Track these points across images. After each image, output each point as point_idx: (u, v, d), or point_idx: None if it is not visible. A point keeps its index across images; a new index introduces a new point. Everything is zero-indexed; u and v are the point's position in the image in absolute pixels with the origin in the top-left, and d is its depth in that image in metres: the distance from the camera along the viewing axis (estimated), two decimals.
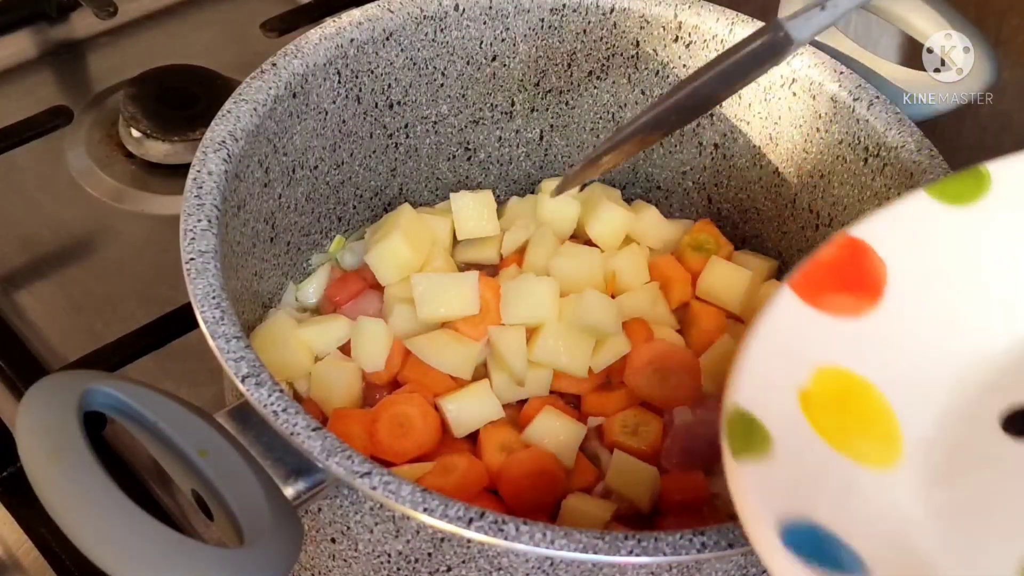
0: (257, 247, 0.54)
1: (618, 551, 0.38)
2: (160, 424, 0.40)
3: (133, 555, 0.35)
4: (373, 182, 0.61)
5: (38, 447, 0.37)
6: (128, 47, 0.84)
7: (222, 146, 0.49)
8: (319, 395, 0.54)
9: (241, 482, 0.39)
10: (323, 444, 0.39)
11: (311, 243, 0.60)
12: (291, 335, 0.55)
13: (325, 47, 0.54)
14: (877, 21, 0.58)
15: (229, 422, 0.41)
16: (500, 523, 0.38)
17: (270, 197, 0.54)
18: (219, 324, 0.43)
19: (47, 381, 0.39)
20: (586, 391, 0.55)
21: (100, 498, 0.36)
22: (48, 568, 0.56)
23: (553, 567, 0.40)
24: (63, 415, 0.37)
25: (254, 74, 0.52)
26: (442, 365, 0.54)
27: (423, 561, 0.42)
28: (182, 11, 0.88)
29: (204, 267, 0.44)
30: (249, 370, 0.41)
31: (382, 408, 0.53)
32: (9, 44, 0.82)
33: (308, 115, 0.55)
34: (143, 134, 0.75)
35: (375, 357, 0.55)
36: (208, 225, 0.46)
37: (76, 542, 0.36)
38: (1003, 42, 0.71)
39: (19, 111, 0.74)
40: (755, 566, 0.42)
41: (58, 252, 0.71)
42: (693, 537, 0.39)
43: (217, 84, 0.77)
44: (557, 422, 0.53)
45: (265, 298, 0.57)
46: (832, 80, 0.56)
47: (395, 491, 0.39)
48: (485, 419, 0.53)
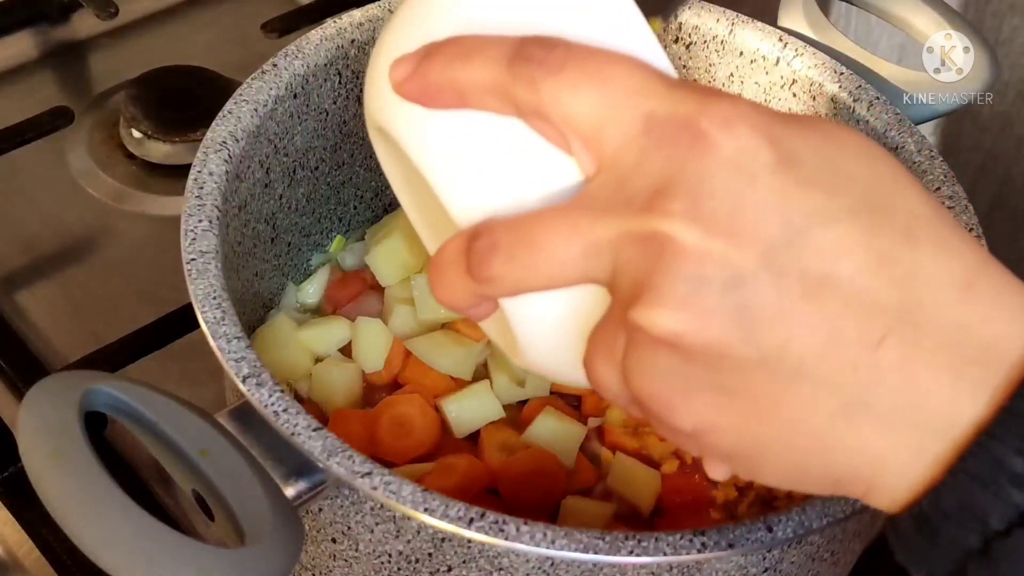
0: (258, 248, 0.54)
1: (619, 551, 0.38)
2: (161, 424, 0.40)
3: (134, 555, 0.35)
4: (374, 183, 0.61)
5: (39, 447, 0.37)
6: (129, 48, 0.84)
7: (223, 147, 0.49)
8: (320, 396, 0.54)
9: (242, 482, 0.39)
10: (324, 444, 0.40)
11: (312, 244, 0.60)
12: (291, 336, 0.55)
13: (326, 48, 0.54)
14: (877, 21, 0.58)
15: (230, 422, 0.41)
16: (501, 523, 0.38)
17: (271, 198, 0.54)
18: (220, 324, 0.43)
19: (48, 381, 0.39)
20: (586, 391, 0.55)
21: (101, 498, 0.36)
22: (49, 568, 0.56)
23: (553, 567, 0.40)
24: (64, 415, 0.37)
25: (255, 75, 0.52)
26: (442, 366, 0.54)
27: (424, 561, 0.42)
28: (183, 12, 0.88)
29: (205, 267, 0.44)
30: (250, 370, 0.41)
31: (383, 409, 0.53)
32: (10, 45, 0.82)
33: (309, 116, 0.55)
34: (144, 135, 0.75)
35: (375, 358, 0.55)
36: (209, 226, 0.46)
37: (77, 542, 0.36)
38: (1003, 42, 0.71)
39: (20, 112, 0.74)
40: (755, 566, 0.42)
41: (59, 253, 0.71)
42: (693, 537, 0.39)
43: (218, 85, 0.77)
44: (557, 423, 0.53)
45: (266, 298, 0.58)
46: (832, 81, 0.56)
47: (396, 491, 0.39)
48: (485, 420, 0.53)
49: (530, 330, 0.37)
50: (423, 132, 0.36)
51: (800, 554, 0.43)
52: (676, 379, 0.32)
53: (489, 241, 0.34)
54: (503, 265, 0.33)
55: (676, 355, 0.31)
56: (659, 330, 0.31)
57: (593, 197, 0.33)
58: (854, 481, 0.32)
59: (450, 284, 0.35)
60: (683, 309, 0.30)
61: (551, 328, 0.36)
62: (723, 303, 0.30)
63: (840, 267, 0.30)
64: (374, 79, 0.38)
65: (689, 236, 0.30)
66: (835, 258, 0.30)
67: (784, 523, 0.40)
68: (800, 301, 0.30)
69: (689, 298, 0.30)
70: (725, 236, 0.30)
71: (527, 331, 0.37)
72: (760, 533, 0.39)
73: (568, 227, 0.33)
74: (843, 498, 0.40)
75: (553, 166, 0.34)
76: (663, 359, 0.31)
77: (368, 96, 0.39)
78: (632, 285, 0.31)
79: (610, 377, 0.34)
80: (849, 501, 0.40)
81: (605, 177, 0.33)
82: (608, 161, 0.33)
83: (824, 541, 0.44)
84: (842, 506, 0.40)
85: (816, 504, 0.40)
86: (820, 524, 0.40)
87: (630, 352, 0.32)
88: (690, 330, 0.30)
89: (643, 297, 0.31)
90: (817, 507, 0.40)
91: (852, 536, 0.47)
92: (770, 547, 0.40)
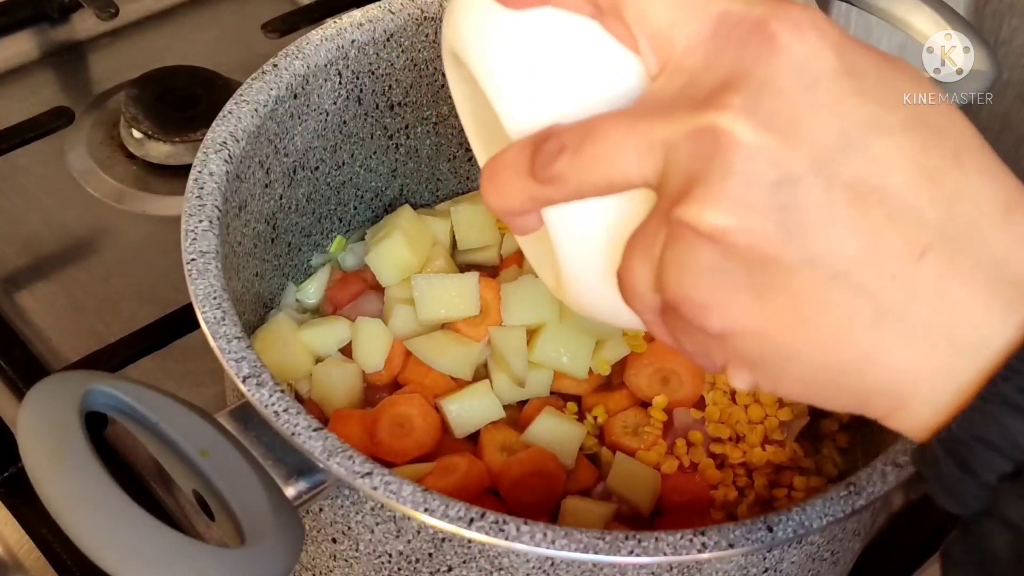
0: (258, 248, 0.55)
1: (619, 551, 0.38)
2: (161, 424, 0.40)
3: (134, 555, 0.35)
4: (374, 183, 0.61)
5: (39, 447, 0.37)
6: (129, 48, 0.84)
7: (223, 147, 0.49)
8: (320, 396, 0.54)
9: (242, 482, 0.39)
10: (324, 444, 0.40)
11: (312, 244, 0.60)
12: (292, 337, 0.55)
13: (326, 48, 0.54)
14: (877, 21, 0.58)
15: (230, 422, 0.41)
16: (501, 523, 0.38)
17: (271, 198, 0.54)
18: (220, 324, 0.43)
19: (48, 381, 0.39)
20: (586, 392, 0.55)
21: (101, 498, 0.36)
22: (49, 568, 0.56)
23: (554, 567, 0.40)
24: (64, 415, 0.37)
25: (255, 75, 0.52)
26: (442, 366, 0.54)
27: (424, 561, 0.42)
28: (183, 12, 0.88)
29: (205, 268, 0.44)
30: (250, 370, 0.41)
31: (383, 409, 0.53)
32: (10, 45, 0.82)
33: (309, 116, 0.55)
34: (144, 135, 0.75)
35: (375, 358, 0.55)
36: (209, 226, 0.46)
37: (77, 542, 0.36)
38: (1003, 42, 0.71)
39: (20, 112, 0.74)
40: (755, 566, 0.42)
41: (59, 253, 0.71)
42: (693, 537, 0.39)
43: (218, 85, 0.77)
44: (557, 423, 0.53)
45: (266, 299, 0.58)
46: None
47: (396, 491, 0.39)
48: (486, 420, 0.53)
49: (573, 249, 0.37)
50: (493, 43, 0.37)
51: (800, 554, 0.43)
52: (714, 277, 0.32)
53: (557, 142, 0.34)
54: (568, 163, 0.34)
55: (717, 251, 0.31)
56: (705, 224, 0.31)
57: (656, 97, 0.33)
58: (881, 397, 0.32)
59: (507, 186, 0.36)
60: (731, 204, 0.31)
61: (594, 245, 0.37)
62: (771, 201, 0.30)
63: (889, 179, 0.31)
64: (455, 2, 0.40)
65: (745, 131, 0.31)
66: (885, 170, 0.31)
67: (784, 523, 0.40)
68: (847, 208, 0.30)
69: (738, 193, 0.31)
70: (781, 136, 0.30)
71: (570, 250, 0.38)
72: (760, 533, 0.39)
73: (628, 126, 0.33)
74: (843, 498, 0.40)
75: (618, 72, 0.35)
76: (704, 255, 0.31)
77: (446, 21, 0.41)
78: (682, 181, 0.32)
79: (644, 279, 0.34)
80: (849, 500, 0.40)
81: (669, 78, 0.33)
82: (675, 62, 0.33)
83: (824, 541, 0.44)
84: (842, 506, 0.40)
85: (816, 504, 0.40)
86: (820, 524, 0.40)
87: (670, 248, 0.32)
88: (735, 226, 0.31)
89: (692, 192, 0.31)
90: (817, 507, 0.40)
91: (852, 536, 0.47)
92: (770, 547, 0.40)
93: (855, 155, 0.31)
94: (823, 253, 0.31)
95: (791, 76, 0.31)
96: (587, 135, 0.34)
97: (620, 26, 0.35)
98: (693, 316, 0.33)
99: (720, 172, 0.31)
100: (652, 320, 0.35)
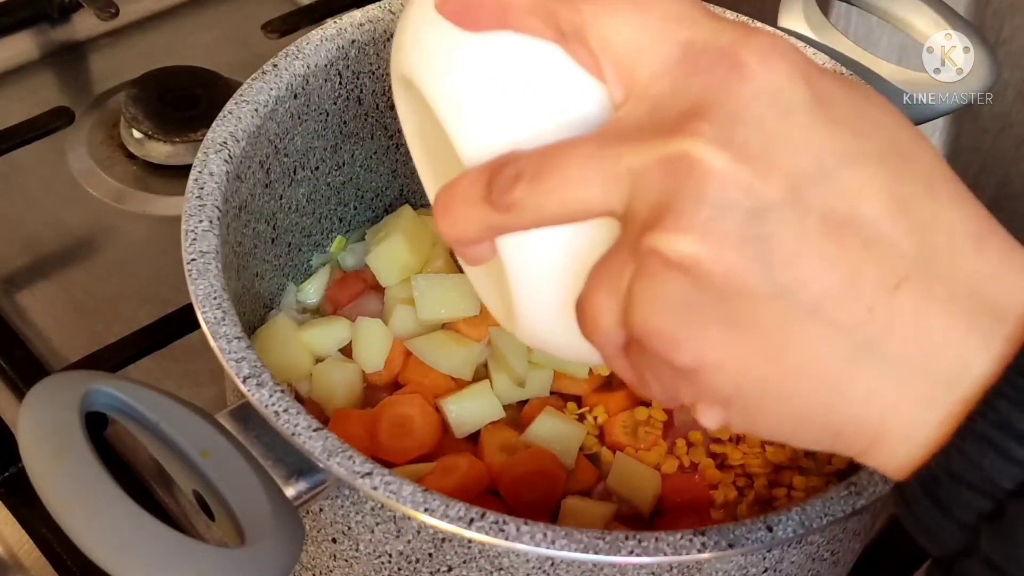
0: (258, 248, 0.55)
1: (619, 551, 0.38)
2: (161, 424, 0.40)
3: (134, 555, 0.35)
4: (374, 183, 0.61)
5: (40, 447, 0.37)
6: (129, 48, 0.84)
7: (223, 147, 0.49)
8: (320, 396, 0.54)
9: (242, 482, 0.39)
10: (324, 444, 0.40)
11: (312, 244, 0.60)
12: (292, 337, 0.55)
13: (326, 48, 0.54)
14: (877, 21, 0.58)
15: (230, 422, 0.41)
16: (501, 523, 0.38)
17: (271, 198, 0.54)
18: (220, 325, 0.43)
19: (49, 382, 0.39)
20: (586, 392, 0.55)
21: (102, 498, 0.36)
22: (49, 568, 0.56)
23: (554, 567, 0.40)
24: (65, 415, 0.37)
25: (255, 75, 0.52)
26: (442, 366, 0.54)
27: (424, 561, 0.42)
28: (183, 12, 0.88)
29: (205, 268, 0.44)
30: (250, 371, 0.41)
31: (383, 409, 0.53)
32: (10, 45, 0.82)
33: (309, 116, 0.55)
34: (144, 135, 0.75)
35: (376, 358, 0.55)
36: (209, 226, 0.46)
37: (77, 542, 0.36)
38: (1003, 42, 0.71)
39: (20, 112, 0.74)
40: (755, 566, 0.42)
41: (59, 253, 0.71)
42: (693, 537, 0.39)
43: (218, 85, 0.77)
44: (557, 423, 0.53)
45: (266, 299, 0.58)
46: None
47: (396, 491, 0.39)
48: (486, 420, 0.53)
49: (528, 279, 0.36)
50: (448, 67, 0.36)
51: (800, 554, 0.43)
52: (684, 309, 0.31)
53: (515, 168, 0.33)
54: (526, 191, 0.33)
55: (689, 282, 0.30)
56: (676, 254, 0.30)
57: (621, 124, 0.33)
58: (857, 433, 0.31)
59: (462, 214, 0.34)
60: (703, 233, 0.30)
61: (550, 275, 0.36)
62: (744, 232, 0.30)
63: (863, 209, 0.30)
64: (406, 21, 0.39)
65: (717, 160, 0.30)
66: (859, 200, 0.30)
67: (784, 523, 0.40)
68: (821, 239, 0.30)
69: (710, 223, 0.30)
70: (754, 165, 0.30)
71: (524, 281, 0.36)
72: (760, 533, 0.39)
73: (591, 153, 0.32)
74: (843, 498, 0.40)
75: (580, 98, 0.34)
76: (674, 286, 0.31)
77: (396, 44, 0.39)
78: (651, 209, 0.31)
79: (608, 312, 0.33)
80: (849, 500, 0.40)
81: (634, 106, 0.33)
82: (640, 89, 0.33)
83: (824, 541, 0.44)
84: (842, 506, 0.40)
85: (816, 504, 0.40)
86: (820, 524, 0.40)
87: (639, 279, 0.31)
88: (707, 256, 0.30)
89: (662, 220, 0.30)
90: (817, 507, 0.40)
91: (852, 536, 0.47)
92: (770, 547, 0.40)
93: (829, 184, 0.30)
94: (798, 285, 0.30)
95: (761, 104, 0.30)
96: (547, 161, 0.33)
97: (583, 51, 0.34)
98: (662, 350, 0.31)
99: (692, 200, 0.30)
100: (613, 356, 0.34)
